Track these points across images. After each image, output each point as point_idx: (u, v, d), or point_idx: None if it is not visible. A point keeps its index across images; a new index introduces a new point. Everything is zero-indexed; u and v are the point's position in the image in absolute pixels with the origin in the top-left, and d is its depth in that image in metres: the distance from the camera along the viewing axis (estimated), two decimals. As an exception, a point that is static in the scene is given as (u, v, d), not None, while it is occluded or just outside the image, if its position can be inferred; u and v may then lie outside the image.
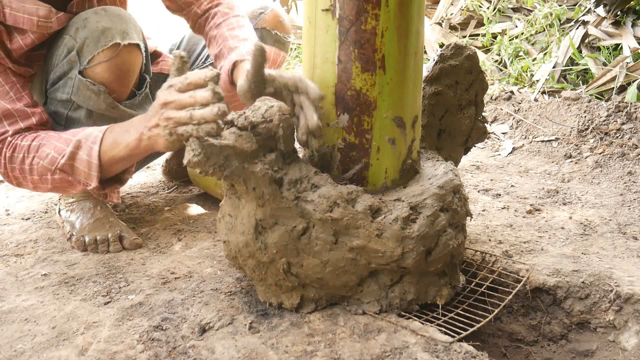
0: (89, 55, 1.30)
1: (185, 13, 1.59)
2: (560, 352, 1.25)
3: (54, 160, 1.27)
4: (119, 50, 1.30)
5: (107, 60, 1.30)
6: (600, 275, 1.25)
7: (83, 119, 1.37)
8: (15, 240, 1.59)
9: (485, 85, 1.39)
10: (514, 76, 3.18)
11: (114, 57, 1.30)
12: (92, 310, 1.18)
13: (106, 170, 1.28)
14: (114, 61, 1.31)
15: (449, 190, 1.11)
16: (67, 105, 1.37)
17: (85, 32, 1.30)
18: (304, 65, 1.13)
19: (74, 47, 1.31)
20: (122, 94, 1.39)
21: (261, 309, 1.15)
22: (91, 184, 1.29)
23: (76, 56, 1.31)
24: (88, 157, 1.25)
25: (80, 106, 1.35)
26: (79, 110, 1.36)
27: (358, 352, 1.01)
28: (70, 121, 1.38)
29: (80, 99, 1.34)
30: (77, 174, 1.29)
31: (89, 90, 1.32)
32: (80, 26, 1.31)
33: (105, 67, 1.31)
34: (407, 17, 1.04)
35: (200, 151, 0.97)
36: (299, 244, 1.06)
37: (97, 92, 1.32)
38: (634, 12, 3.15)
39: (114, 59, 1.31)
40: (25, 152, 1.30)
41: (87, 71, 1.32)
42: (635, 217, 1.63)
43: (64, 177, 1.29)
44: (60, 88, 1.36)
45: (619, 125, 2.29)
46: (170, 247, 1.50)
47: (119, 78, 1.34)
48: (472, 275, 1.29)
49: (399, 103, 1.08)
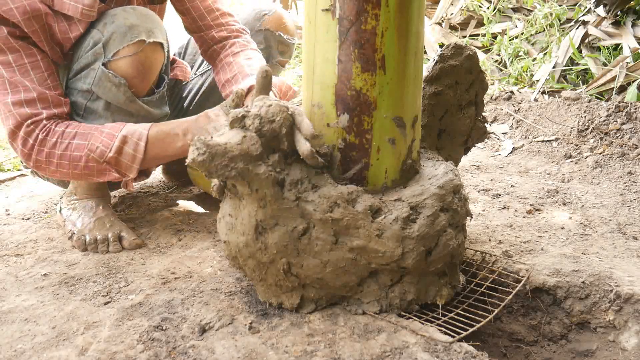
0: (115, 49, 1.35)
1: (202, 35, 1.66)
2: (560, 352, 1.25)
3: (103, 153, 1.36)
4: (143, 47, 1.36)
5: (131, 55, 1.35)
6: (600, 275, 1.25)
7: (101, 111, 1.41)
8: (15, 240, 1.59)
9: (485, 85, 1.39)
10: (514, 76, 3.18)
11: (138, 52, 1.36)
12: (92, 310, 1.18)
13: (146, 165, 1.40)
14: (138, 57, 1.36)
15: (449, 190, 1.11)
16: (87, 95, 1.41)
17: (113, 27, 1.35)
18: (304, 65, 1.13)
19: (100, 40, 1.36)
20: (142, 90, 1.43)
21: (261, 309, 1.15)
22: (130, 176, 1.40)
23: (102, 49, 1.36)
24: (134, 152, 1.36)
25: (100, 97, 1.40)
26: (98, 101, 1.41)
27: (358, 352, 1.01)
28: (89, 112, 1.43)
29: (100, 90, 1.38)
30: (119, 166, 1.39)
31: (110, 82, 1.37)
32: (109, 21, 1.36)
33: (129, 61, 1.36)
34: (407, 17, 1.04)
35: (205, 150, 0.97)
36: (299, 244, 1.06)
37: (118, 84, 1.37)
38: (634, 12, 3.15)
39: (138, 54, 1.36)
40: (60, 137, 1.37)
41: (111, 64, 1.36)
42: (635, 217, 1.63)
43: (103, 167, 1.38)
44: (82, 78, 1.40)
45: (619, 125, 2.29)
46: (170, 247, 1.50)
47: (140, 73, 1.39)
48: (472, 275, 1.29)
49: (399, 103, 1.08)
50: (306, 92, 1.13)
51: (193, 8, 1.63)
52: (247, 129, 1.02)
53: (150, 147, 1.37)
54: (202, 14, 1.64)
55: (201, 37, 1.68)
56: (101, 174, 1.40)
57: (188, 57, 1.87)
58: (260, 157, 1.02)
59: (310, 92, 1.11)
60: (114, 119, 1.43)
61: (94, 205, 1.57)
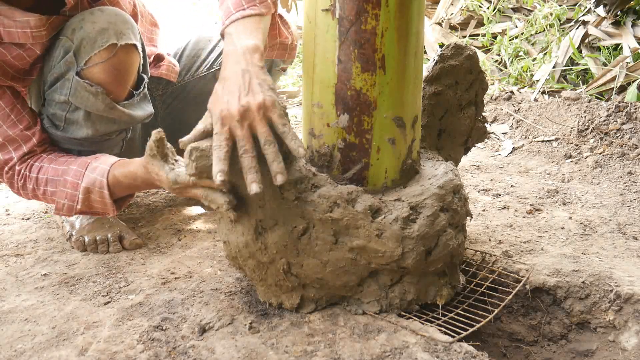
0: (86, 57, 1.30)
1: None
2: (560, 352, 1.25)
3: (71, 208, 1.37)
4: (115, 51, 1.30)
5: (103, 61, 1.30)
6: (600, 275, 1.25)
7: (81, 121, 1.37)
8: (15, 240, 1.59)
9: (485, 85, 1.39)
10: (514, 76, 3.18)
11: (110, 57, 1.30)
12: (92, 310, 1.18)
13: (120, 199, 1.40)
14: (111, 62, 1.31)
15: (449, 190, 1.11)
16: (65, 107, 1.36)
17: (81, 32, 1.30)
18: (304, 65, 1.13)
19: (70, 49, 1.31)
20: (120, 95, 1.38)
21: (261, 309, 1.15)
22: (109, 214, 1.39)
23: (73, 57, 1.31)
24: (101, 199, 1.35)
25: (79, 107, 1.35)
26: (77, 111, 1.36)
27: (358, 352, 1.01)
28: (69, 122, 1.39)
29: (78, 101, 1.33)
30: (94, 210, 1.40)
31: (87, 91, 1.32)
32: (77, 27, 1.31)
33: (102, 68, 1.31)
34: (407, 17, 1.04)
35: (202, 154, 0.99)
36: (299, 244, 1.06)
37: (95, 93, 1.32)
38: (634, 12, 3.14)
39: (110, 59, 1.30)
40: (35, 184, 1.39)
41: (84, 72, 1.31)
42: (635, 217, 1.63)
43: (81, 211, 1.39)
44: (58, 89, 1.35)
45: (619, 125, 2.29)
46: (170, 247, 1.50)
47: (116, 79, 1.34)
48: (472, 275, 1.29)
49: (399, 103, 1.08)
50: (306, 92, 1.13)
51: None
52: None
53: (114, 190, 1.34)
54: None
55: None
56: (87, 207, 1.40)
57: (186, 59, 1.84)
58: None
59: (310, 92, 1.11)
60: (96, 127, 1.39)
61: None
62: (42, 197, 1.42)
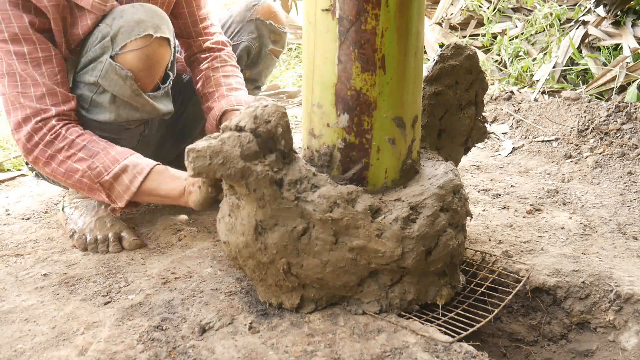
0: (122, 42, 1.37)
1: (189, 42, 1.71)
2: (560, 352, 1.25)
3: (100, 174, 1.37)
4: (150, 41, 1.37)
5: (138, 48, 1.37)
6: (600, 275, 1.25)
7: (106, 104, 1.42)
8: (15, 240, 1.59)
9: (485, 85, 1.39)
10: (514, 76, 3.18)
11: (145, 46, 1.37)
12: (92, 310, 1.18)
13: (137, 199, 1.40)
14: (145, 51, 1.38)
15: (449, 190, 1.11)
16: (93, 88, 1.42)
17: (121, 21, 1.37)
18: (304, 65, 1.13)
19: (108, 34, 1.38)
20: (147, 85, 1.44)
21: (261, 309, 1.15)
22: (118, 204, 1.40)
23: (110, 42, 1.37)
24: (129, 183, 1.37)
25: (106, 90, 1.40)
26: (104, 94, 1.41)
27: (358, 352, 1.01)
28: (94, 105, 1.43)
29: (106, 83, 1.39)
30: (111, 192, 1.39)
31: (117, 74, 1.38)
32: (117, 16, 1.38)
33: (136, 55, 1.37)
34: (407, 17, 1.04)
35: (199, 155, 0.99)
36: (299, 244, 1.06)
37: (124, 77, 1.38)
38: (634, 12, 3.15)
39: (144, 48, 1.37)
40: (68, 145, 1.38)
41: (118, 57, 1.38)
42: (635, 217, 1.63)
43: (96, 187, 1.39)
44: (89, 71, 1.41)
45: (619, 125, 2.29)
46: (170, 247, 1.50)
47: (147, 67, 1.40)
48: (472, 275, 1.29)
49: (399, 103, 1.08)
50: (306, 92, 1.13)
51: (188, 13, 1.67)
52: (243, 130, 1.02)
53: (146, 182, 1.38)
54: (195, 21, 1.69)
55: (187, 43, 1.72)
56: (91, 191, 1.40)
57: None
58: (257, 156, 1.02)
59: (310, 92, 1.11)
60: (119, 112, 1.43)
61: (95, 205, 1.58)
62: (59, 163, 1.39)
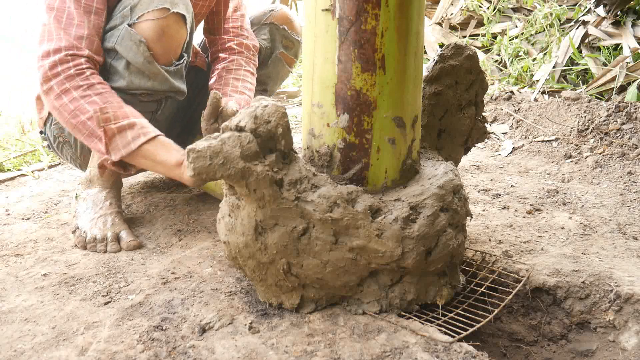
0: (140, 12, 1.47)
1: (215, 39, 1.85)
2: (560, 352, 1.25)
3: (107, 120, 1.42)
4: (166, 15, 1.47)
5: (154, 19, 1.47)
6: (600, 275, 1.25)
7: (121, 70, 1.50)
8: (15, 240, 1.59)
9: (485, 85, 1.39)
10: (514, 76, 3.18)
11: (160, 18, 1.47)
12: (92, 310, 1.18)
13: (131, 159, 1.45)
14: (159, 22, 1.47)
15: (449, 190, 1.11)
16: (111, 54, 1.50)
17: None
18: (304, 65, 1.13)
19: (129, 5, 1.49)
20: (161, 57, 1.51)
21: (261, 309, 1.15)
22: (111, 157, 1.44)
23: (129, 11, 1.49)
24: (131, 140, 1.42)
25: (122, 57, 1.49)
26: (120, 60, 1.49)
27: (358, 352, 1.01)
28: (112, 71, 1.52)
29: (122, 49, 1.47)
30: (110, 142, 1.43)
31: (131, 40, 1.46)
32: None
33: (151, 25, 1.47)
34: (407, 17, 1.04)
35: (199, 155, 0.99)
36: (299, 244, 1.06)
37: (138, 43, 1.46)
38: (634, 12, 3.15)
39: (160, 20, 1.47)
40: (87, 86, 1.42)
41: (135, 26, 1.48)
42: (635, 217, 1.63)
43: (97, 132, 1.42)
44: (108, 38, 1.50)
45: (619, 125, 2.29)
46: (170, 247, 1.50)
47: (161, 40, 1.49)
48: (472, 275, 1.29)
49: (399, 103, 1.08)
50: (306, 92, 1.13)
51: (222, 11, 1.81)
52: (243, 130, 1.02)
53: (148, 144, 1.42)
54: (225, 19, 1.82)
55: (214, 40, 1.85)
56: (90, 137, 1.44)
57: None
58: (257, 156, 1.02)
59: (310, 92, 1.11)
60: (132, 79, 1.50)
61: (102, 200, 1.61)
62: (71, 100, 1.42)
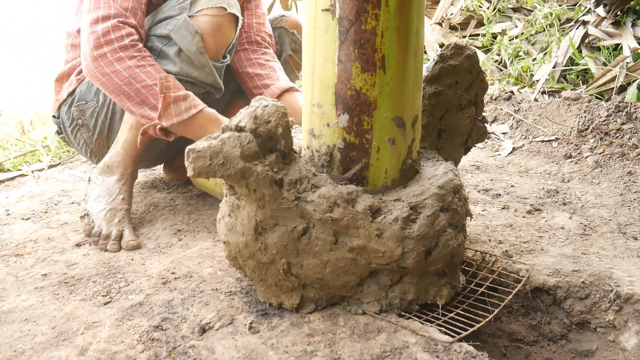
0: (200, 7, 1.59)
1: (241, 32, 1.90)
2: (560, 352, 1.25)
3: (168, 88, 1.51)
4: (223, 14, 1.61)
5: (212, 15, 1.60)
6: (600, 275, 1.25)
7: (172, 56, 1.60)
8: (15, 240, 1.59)
9: (485, 85, 1.39)
10: (514, 76, 3.18)
11: (217, 15, 1.61)
12: (92, 310, 1.18)
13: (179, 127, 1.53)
14: (217, 19, 1.61)
15: (449, 190, 1.11)
16: (164, 41, 1.61)
17: None
18: (304, 65, 1.13)
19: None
20: (210, 51, 1.63)
21: (261, 309, 1.15)
22: (162, 123, 1.51)
23: (189, 5, 1.61)
24: (184, 110, 1.52)
25: (175, 44, 1.59)
26: (173, 46, 1.60)
27: (358, 352, 1.01)
28: (161, 56, 1.60)
29: (177, 37, 1.58)
30: (166, 109, 1.51)
31: (187, 30, 1.58)
32: None
33: (208, 20, 1.60)
34: (407, 17, 1.04)
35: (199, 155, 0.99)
36: (299, 244, 1.06)
37: (194, 33, 1.58)
38: (634, 12, 3.15)
39: (217, 17, 1.61)
40: (141, 57, 1.51)
41: (193, 18, 1.59)
42: (635, 217, 1.63)
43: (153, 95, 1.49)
44: (163, 25, 1.61)
45: (619, 125, 2.29)
46: (170, 247, 1.50)
47: (214, 35, 1.61)
48: (472, 275, 1.29)
49: (399, 103, 1.08)
50: (306, 92, 1.13)
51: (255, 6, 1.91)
52: (243, 130, 1.02)
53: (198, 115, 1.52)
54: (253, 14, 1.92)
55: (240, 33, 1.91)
56: (140, 104, 1.50)
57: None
58: (257, 157, 1.02)
59: (310, 92, 1.11)
60: (182, 66, 1.59)
61: (117, 192, 1.61)
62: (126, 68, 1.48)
